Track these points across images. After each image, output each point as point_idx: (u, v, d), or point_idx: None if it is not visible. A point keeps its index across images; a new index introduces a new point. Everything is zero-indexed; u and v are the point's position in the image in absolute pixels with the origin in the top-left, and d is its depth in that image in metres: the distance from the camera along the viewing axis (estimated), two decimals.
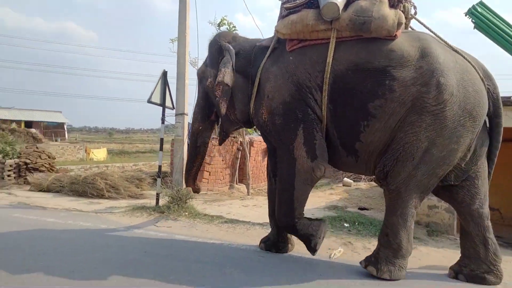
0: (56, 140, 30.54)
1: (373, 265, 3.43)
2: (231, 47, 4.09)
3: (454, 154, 3.32)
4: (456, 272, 3.57)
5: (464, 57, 3.44)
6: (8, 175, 9.72)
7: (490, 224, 3.52)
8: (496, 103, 3.52)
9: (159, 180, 6.27)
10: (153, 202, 6.61)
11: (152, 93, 6.12)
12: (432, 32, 3.61)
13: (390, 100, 3.29)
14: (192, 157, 4.61)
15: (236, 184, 10.48)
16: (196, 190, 4.78)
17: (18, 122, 30.31)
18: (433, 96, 3.23)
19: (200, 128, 4.52)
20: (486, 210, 3.54)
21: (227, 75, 3.89)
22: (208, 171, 9.48)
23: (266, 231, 4.67)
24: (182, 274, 3.29)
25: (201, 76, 4.41)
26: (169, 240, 4.39)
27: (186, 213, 5.63)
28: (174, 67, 6.65)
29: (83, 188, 8.17)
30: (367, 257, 3.58)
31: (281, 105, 3.67)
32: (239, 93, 4.04)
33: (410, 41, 3.40)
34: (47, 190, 8.64)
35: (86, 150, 26.32)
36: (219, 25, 7.45)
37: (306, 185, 3.64)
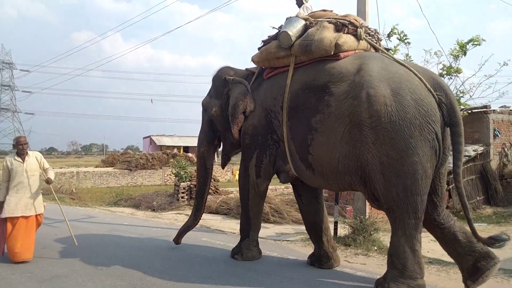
0: None
1: (381, 286, 3.41)
2: (244, 80, 4.65)
3: (421, 166, 3.24)
4: None
5: (409, 69, 3.45)
6: (182, 197, 10.71)
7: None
8: (450, 112, 3.36)
9: (336, 207, 5.81)
10: None
11: None
12: (382, 49, 4.05)
13: (328, 114, 3.53)
14: (203, 179, 5.25)
15: None
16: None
17: (178, 147, 34.65)
18: (365, 109, 3.31)
19: (206, 151, 5.19)
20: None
21: (251, 103, 4.42)
22: None
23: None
24: None
25: (206, 105, 5.10)
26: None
27: (375, 248, 4.99)
28: None
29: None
30: (377, 279, 3.57)
31: (251, 127, 4.41)
32: None
33: (354, 59, 3.65)
34: (216, 212, 9.14)
35: (232, 172, 28.26)
36: (389, 36, 6.75)
37: (257, 196, 4.53)
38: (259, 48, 4.44)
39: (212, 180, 11.39)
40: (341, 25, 3.82)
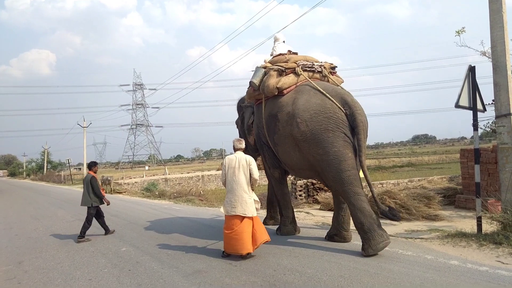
0: None
1: (363, 250, 4.66)
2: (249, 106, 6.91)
3: (342, 153, 4.81)
4: (327, 235, 5.76)
5: (325, 95, 5.08)
6: (300, 195, 10.79)
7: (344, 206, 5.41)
8: (353, 119, 4.88)
9: (478, 200, 5.08)
10: (460, 226, 5.54)
11: (459, 96, 5.11)
12: (312, 83, 5.45)
13: (279, 134, 5.47)
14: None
15: None
16: None
17: None
18: (297, 131, 5.12)
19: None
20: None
21: (251, 120, 6.73)
22: None
23: None
24: None
25: (236, 124, 7.92)
26: None
27: None
28: (454, 68, 5.47)
29: (373, 208, 7.90)
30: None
31: (256, 137, 6.43)
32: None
33: (292, 94, 5.51)
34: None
35: None
36: None
37: (277, 183, 6.36)
38: (246, 90, 6.52)
39: None
40: (281, 71, 5.70)
